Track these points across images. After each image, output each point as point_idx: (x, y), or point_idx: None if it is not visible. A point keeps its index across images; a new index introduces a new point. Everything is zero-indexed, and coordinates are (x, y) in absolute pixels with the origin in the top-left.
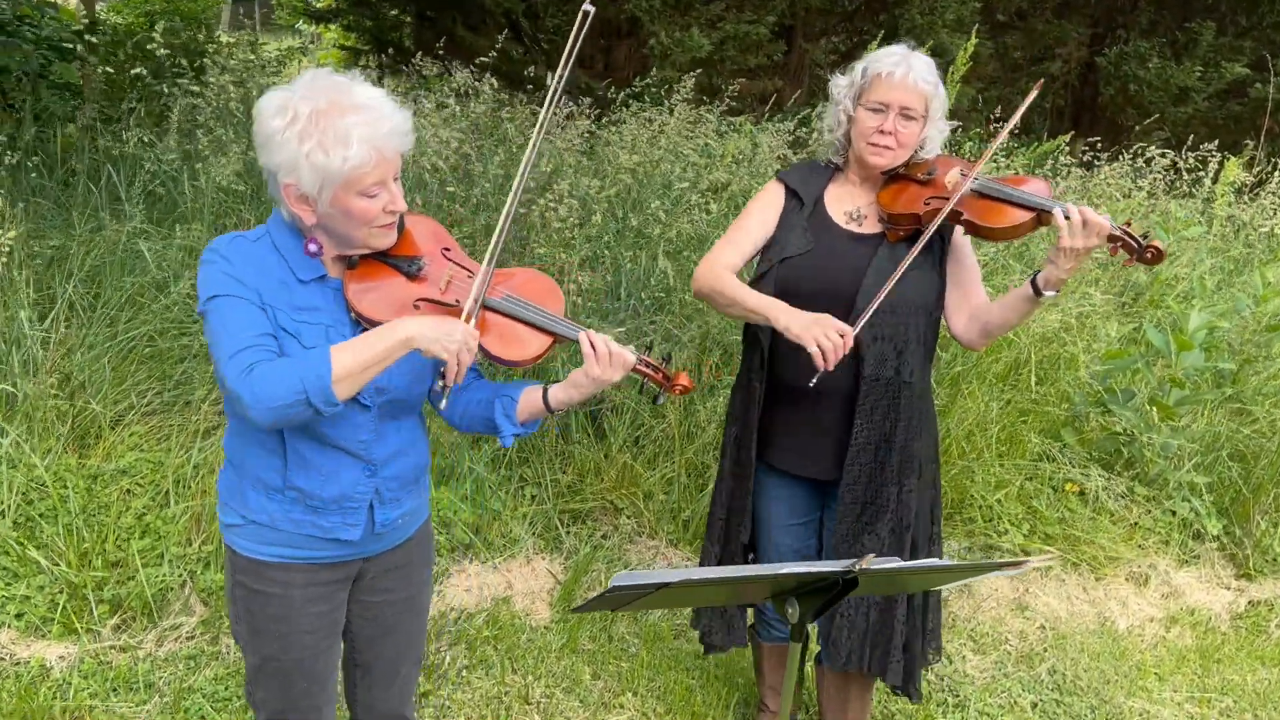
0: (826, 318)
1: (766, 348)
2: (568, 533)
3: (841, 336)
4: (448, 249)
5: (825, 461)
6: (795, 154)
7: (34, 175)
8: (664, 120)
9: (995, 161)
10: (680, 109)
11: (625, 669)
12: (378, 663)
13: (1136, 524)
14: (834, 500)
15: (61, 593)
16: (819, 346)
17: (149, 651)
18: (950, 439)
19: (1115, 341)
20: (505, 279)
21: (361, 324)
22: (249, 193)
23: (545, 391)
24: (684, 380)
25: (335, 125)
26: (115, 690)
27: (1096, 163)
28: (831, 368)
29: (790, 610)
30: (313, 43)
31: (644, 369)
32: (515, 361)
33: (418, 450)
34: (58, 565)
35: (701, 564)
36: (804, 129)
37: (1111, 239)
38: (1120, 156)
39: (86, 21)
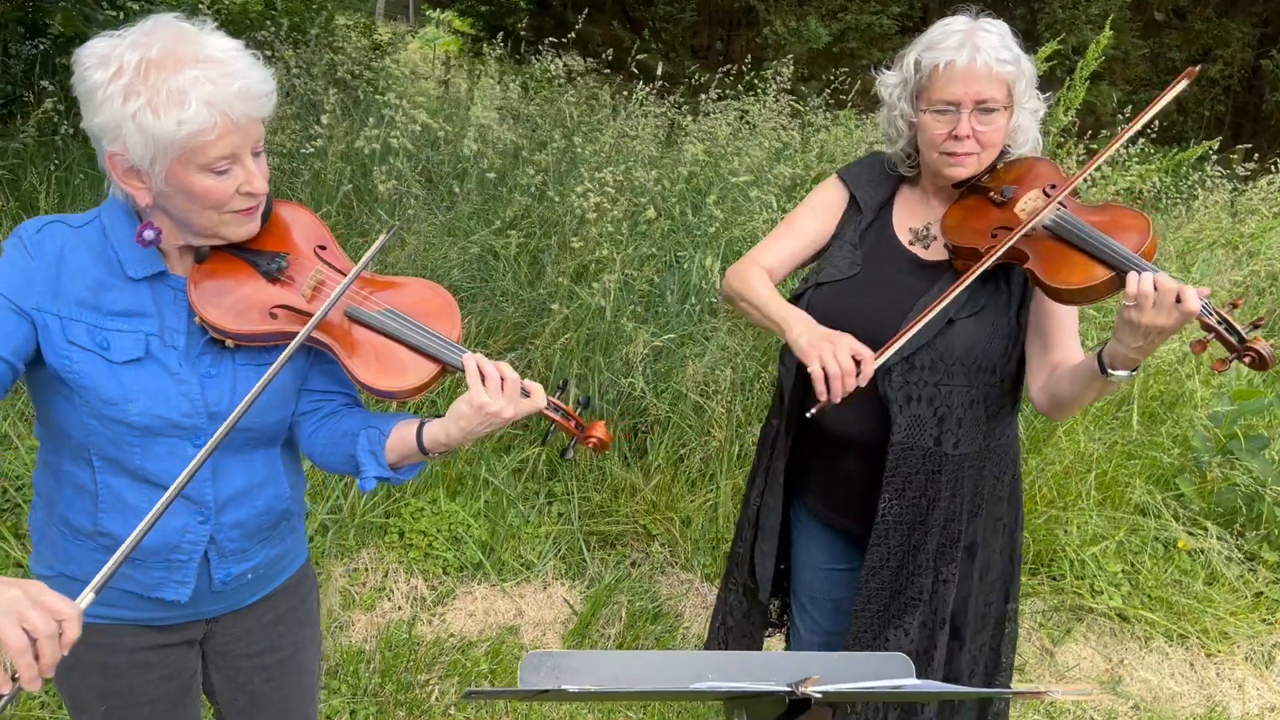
0: (844, 337)
1: (788, 388)
2: (593, 558)
3: (857, 362)
4: (322, 246)
5: (850, 516)
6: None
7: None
8: (757, 112)
9: (1121, 166)
10: (772, 100)
11: (635, 718)
12: None
13: (1261, 594)
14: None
15: None
16: (823, 368)
17: None
18: (1038, 482)
19: (1246, 379)
20: (389, 289)
21: (206, 331)
22: (348, 176)
23: (421, 427)
24: (600, 432)
25: (170, 81)
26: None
27: (1250, 174)
28: (836, 398)
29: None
30: (447, 29)
31: (551, 413)
32: (389, 392)
33: (273, 491)
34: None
35: (711, 627)
36: None
37: (1204, 326)
38: (1277, 168)
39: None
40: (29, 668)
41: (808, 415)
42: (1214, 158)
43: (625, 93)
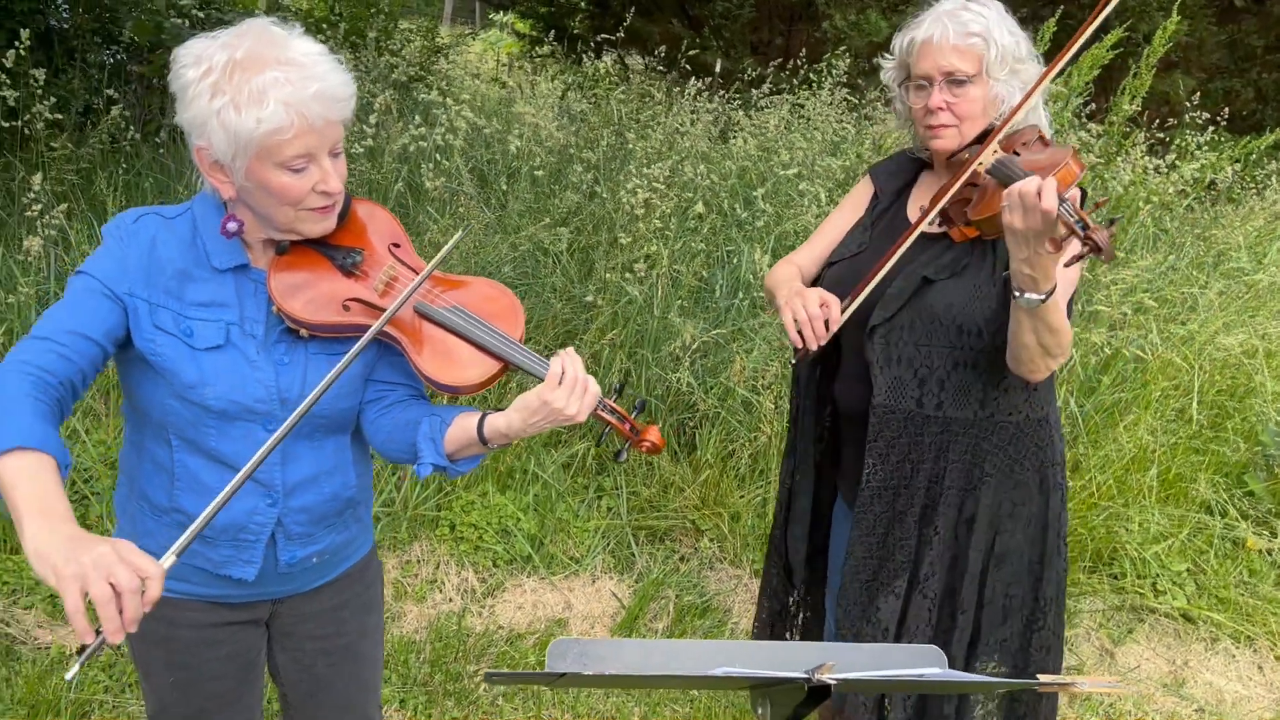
0: (812, 290)
1: (802, 371)
2: (641, 552)
3: (823, 307)
4: (397, 244)
5: None
6: None
7: (162, 150)
8: (812, 105)
9: (1189, 155)
10: (827, 94)
11: (681, 714)
12: None
13: None
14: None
15: None
16: (794, 319)
17: None
18: (1097, 478)
19: None
20: (456, 288)
21: (283, 321)
22: (403, 176)
23: (482, 419)
24: (653, 436)
25: (252, 81)
26: (130, 686)
27: None
28: (811, 344)
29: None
30: (509, 31)
31: (606, 415)
32: (452, 386)
33: (340, 479)
34: None
35: (758, 613)
36: None
37: (1064, 225)
38: None
39: (261, 3)
40: (112, 620)
41: (791, 364)
42: None
43: (679, 89)
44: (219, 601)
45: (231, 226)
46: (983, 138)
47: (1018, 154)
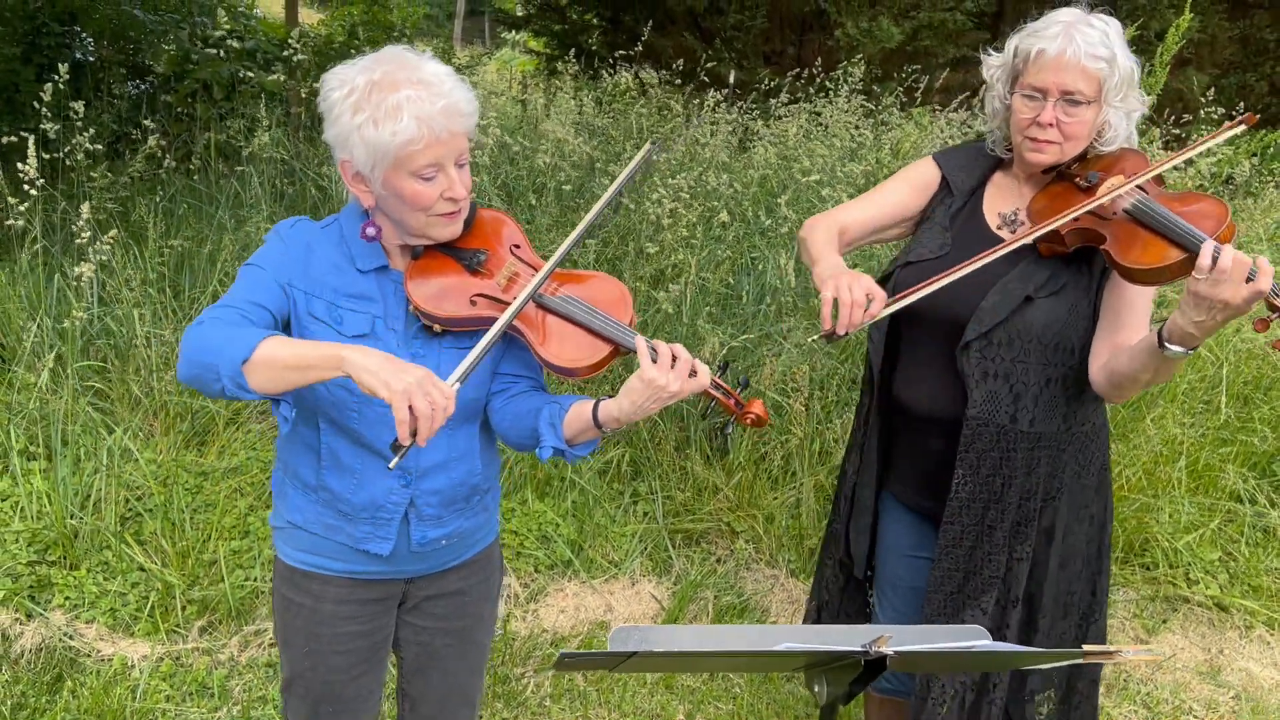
0: (863, 276)
1: (876, 367)
2: (679, 555)
3: (869, 298)
4: (517, 245)
5: (934, 498)
6: None
7: (195, 177)
8: (830, 114)
9: (1206, 151)
10: (844, 101)
11: (725, 711)
12: (424, 700)
13: None
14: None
15: (154, 591)
16: (834, 297)
17: (230, 656)
18: (1126, 470)
19: None
20: (570, 280)
21: (419, 318)
22: None
23: (597, 405)
24: (758, 409)
25: (388, 99)
26: (190, 695)
27: None
28: (841, 329)
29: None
30: (522, 49)
31: (712, 390)
32: (568, 369)
33: (468, 466)
34: (154, 564)
35: (809, 607)
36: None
37: (1270, 305)
38: None
39: (294, 32)
40: (428, 430)
41: (811, 340)
42: None
43: (697, 101)
44: (359, 578)
45: (370, 231)
46: (1080, 157)
47: (1144, 190)
